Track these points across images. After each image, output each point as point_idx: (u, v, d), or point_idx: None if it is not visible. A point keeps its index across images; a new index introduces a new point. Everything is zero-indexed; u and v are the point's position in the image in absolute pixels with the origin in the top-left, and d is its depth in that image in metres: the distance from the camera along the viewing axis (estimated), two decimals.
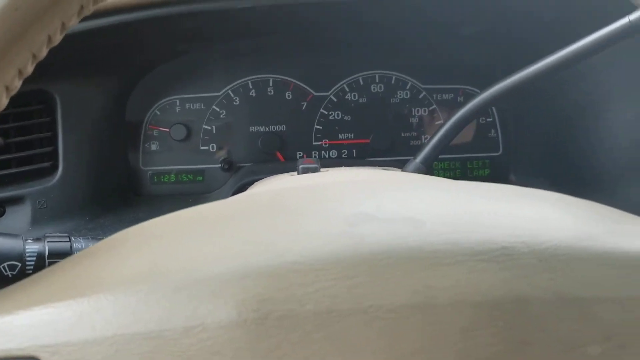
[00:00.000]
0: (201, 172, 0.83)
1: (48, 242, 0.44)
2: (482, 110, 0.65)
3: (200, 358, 0.27)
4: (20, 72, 0.30)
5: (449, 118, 0.66)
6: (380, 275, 0.28)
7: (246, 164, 0.83)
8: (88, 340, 0.28)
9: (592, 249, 0.30)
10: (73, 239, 0.45)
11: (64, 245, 0.45)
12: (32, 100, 0.69)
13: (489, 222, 0.32)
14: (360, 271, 0.28)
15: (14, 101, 0.31)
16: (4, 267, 0.42)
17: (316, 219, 0.32)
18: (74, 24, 0.31)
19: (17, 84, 0.31)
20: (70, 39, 0.29)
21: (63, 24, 0.31)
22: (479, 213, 0.33)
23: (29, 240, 0.44)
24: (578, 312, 0.28)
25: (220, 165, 0.82)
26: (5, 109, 0.31)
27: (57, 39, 0.31)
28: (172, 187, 0.83)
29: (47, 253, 0.44)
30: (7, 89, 0.30)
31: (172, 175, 0.83)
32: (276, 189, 0.37)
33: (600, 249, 0.30)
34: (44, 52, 0.31)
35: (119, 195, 0.77)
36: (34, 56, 0.30)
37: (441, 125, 0.67)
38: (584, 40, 0.57)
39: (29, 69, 0.31)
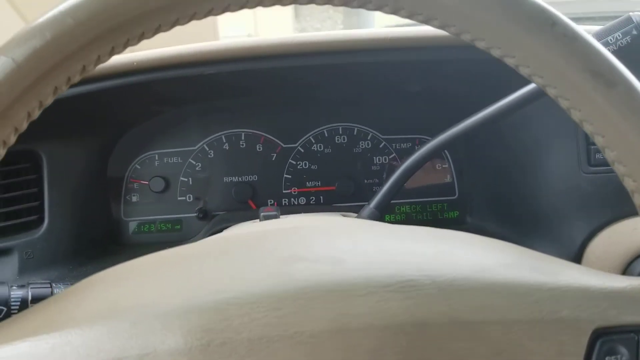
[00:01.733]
0: (179, 221, 0.89)
1: (31, 288, 0.50)
2: (429, 156, 0.71)
3: None
4: (16, 130, 0.34)
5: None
6: (304, 306, 0.33)
7: (220, 212, 0.89)
8: None
9: (483, 279, 0.36)
10: (54, 285, 0.51)
11: (45, 291, 0.50)
12: (20, 159, 0.75)
13: (401, 259, 0.38)
14: (287, 303, 0.33)
15: (2, 160, 0.35)
16: None
17: (256, 261, 0.38)
18: (64, 90, 0.35)
19: (13, 139, 0.34)
20: (55, 103, 0.35)
21: (56, 89, 0.35)
22: (393, 252, 0.39)
23: (14, 287, 0.49)
24: (470, 333, 0.33)
25: (196, 214, 0.88)
26: None
27: (50, 101, 0.35)
28: (151, 236, 0.88)
29: (30, 298, 0.49)
30: (5, 143, 0.34)
31: (152, 225, 0.89)
32: (225, 236, 0.43)
33: (490, 279, 0.36)
34: (37, 113, 0.35)
35: (101, 245, 0.83)
36: (29, 115, 0.34)
37: (392, 173, 0.74)
38: (509, 97, 0.65)
39: (24, 126, 0.34)
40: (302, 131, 0.90)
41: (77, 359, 0.32)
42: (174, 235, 0.88)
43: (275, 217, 0.63)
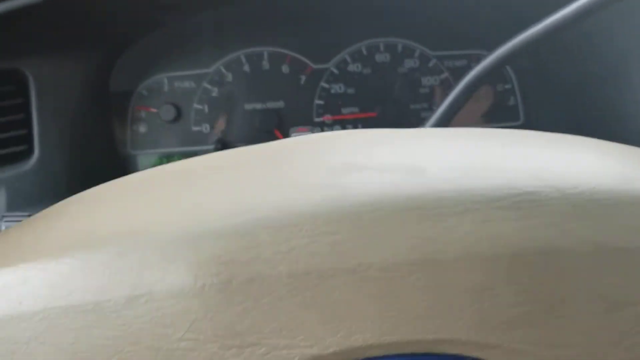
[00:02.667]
0: (194, 154, 0.77)
1: (5, 221, 0.40)
2: (495, 70, 0.58)
3: (150, 332, 0.22)
4: None
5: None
6: (369, 229, 0.23)
7: (242, 144, 0.77)
8: (13, 316, 0.23)
9: (633, 192, 0.24)
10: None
11: None
12: (2, 80, 0.63)
13: (507, 165, 0.25)
14: (345, 225, 0.23)
15: None
16: None
17: (292, 171, 0.26)
18: None
19: None
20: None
21: None
22: (493, 156, 0.26)
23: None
24: (623, 264, 0.22)
25: (213, 146, 0.76)
26: None
27: None
28: None
29: None
30: None
31: (164, 159, 0.77)
32: (250, 147, 0.31)
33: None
34: None
35: (105, 181, 0.72)
36: None
37: (449, 92, 0.60)
38: None
39: None
40: (336, 48, 0.77)
41: (38, 305, 0.24)
42: None
43: None
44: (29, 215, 0.42)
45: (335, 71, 0.77)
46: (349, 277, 0.22)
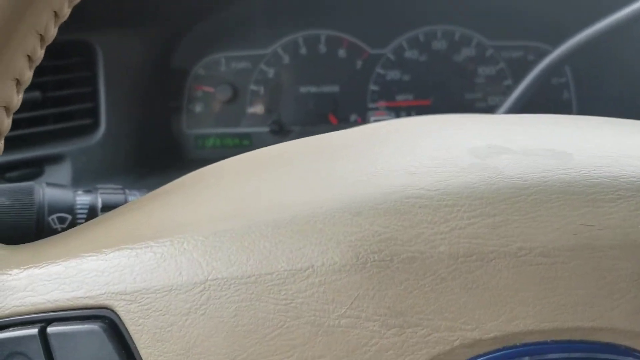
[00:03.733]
0: (248, 136, 0.78)
1: (101, 193, 0.40)
2: (564, 62, 0.58)
3: (312, 307, 0.22)
4: (55, 15, 0.25)
5: (519, 77, 0.60)
6: (527, 213, 0.23)
7: (296, 127, 0.77)
8: (173, 287, 0.23)
9: None
10: (127, 191, 0.40)
11: (118, 198, 0.40)
12: (71, 52, 0.63)
13: None
14: (504, 208, 0.23)
15: (51, 52, 0.27)
16: (52, 220, 0.37)
17: (433, 151, 0.26)
18: None
19: (53, 31, 0.25)
20: None
21: None
22: (634, 145, 0.27)
23: (80, 192, 0.39)
24: None
25: (268, 128, 0.76)
26: (43, 60, 0.26)
27: None
28: (216, 152, 0.77)
29: (100, 206, 0.39)
30: (42, 38, 0.25)
31: (217, 139, 0.77)
32: (372, 125, 0.31)
33: None
34: None
35: (162, 158, 0.72)
36: None
37: (522, 78, 0.60)
38: None
39: (65, 11, 0.25)
40: (393, 34, 0.76)
41: (199, 275, 0.24)
42: (242, 151, 0.77)
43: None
44: (122, 188, 0.42)
45: (392, 57, 0.77)
46: (510, 260, 0.22)
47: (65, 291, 0.24)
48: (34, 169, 0.61)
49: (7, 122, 0.26)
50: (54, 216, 0.39)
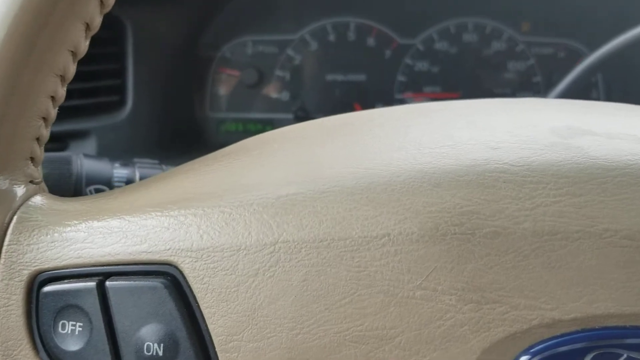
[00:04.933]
0: (271, 121, 0.76)
1: (139, 167, 0.39)
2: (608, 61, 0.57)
3: (386, 276, 0.21)
4: (102, 2, 0.25)
5: (548, 74, 0.59)
6: (614, 194, 0.22)
7: (321, 115, 0.76)
8: (242, 247, 0.22)
9: None
10: (164, 166, 0.39)
11: (155, 172, 0.39)
12: (100, 26, 0.62)
13: None
14: (590, 188, 0.22)
15: None
16: (90, 191, 0.36)
17: (515, 128, 0.25)
18: None
19: (99, 20, 0.26)
20: None
21: None
22: None
23: (117, 165, 0.38)
24: None
25: (292, 115, 0.75)
26: None
27: None
28: (238, 137, 0.76)
29: (137, 179, 0.38)
30: (102, 3, 0.25)
31: (240, 124, 0.76)
32: (447, 103, 0.30)
33: None
34: None
35: (183, 141, 0.71)
36: None
37: (552, 76, 0.59)
38: None
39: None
40: (423, 25, 0.75)
41: (269, 237, 0.23)
42: None
43: None
44: (159, 163, 0.41)
45: (421, 48, 0.76)
46: (595, 241, 0.21)
47: (126, 245, 0.23)
48: (58, 143, 0.60)
49: (62, 91, 0.26)
50: (92, 187, 0.38)
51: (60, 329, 0.24)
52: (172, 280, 0.23)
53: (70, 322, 0.24)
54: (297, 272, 0.22)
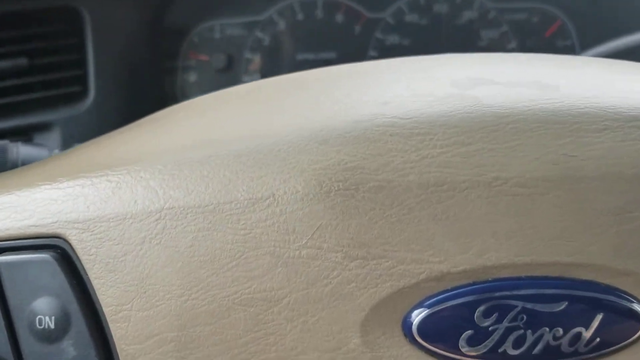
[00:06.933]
0: None
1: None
2: None
3: (272, 237, 0.21)
4: None
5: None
6: (505, 141, 0.21)
7: None
8: (128, 216, 0.22)
9: None
10: None
11: None
12: (57, 18, 0.62)
13: (636, 88, 0.23)
14: (480, 137, 0.21)
15: (37, 18, 0.26)
16: None
17: (412, 82, 0.25)
18: None
19: None
20: None
21: None
22: (622, 79, 0.25)
23: (56, 151, 0.38)
24: None
25: None
26: (28, 27, 0.25)
27: None
28: None
29: None
30: None
31: None
32: (353, 64, 0.29)
33: None
34: None
35: None
36: None
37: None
38: None
39: None
40: None
41: (155, 204, 0.23)
42: None
43: None
44: None
45: (391, 21, 0.74)
46: (484, 190, 0.21)
47: (16, 220, 0.24)
48: (22, 137, 0.60)
49: None
50: None
51: None
52: (61, 253, 0.23)
53: None
54: (184, 238, 0.22)
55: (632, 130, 0.22)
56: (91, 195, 0.23)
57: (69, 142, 0.62)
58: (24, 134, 0.60)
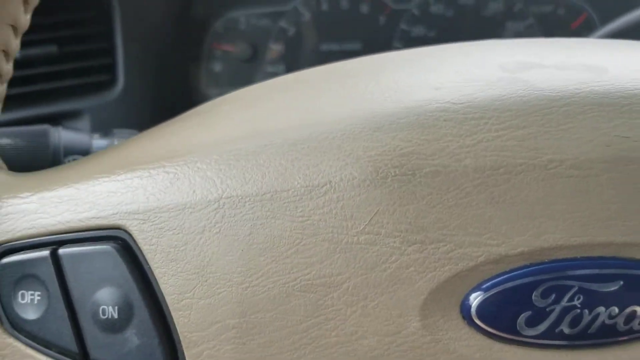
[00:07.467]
0: None
1: (117, 137, 0.39)
2: None
3: (330, 224, 0.21)
4: None
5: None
6: (559, 124, 0.21)
7: None
8: (187, 206, 0.22)
9: None
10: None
11: None
12: (86, 6, 0.62)
13: None
14: (534, 120, 0.21)
15: (67, 5, 0.26)
16: (68, 161, 0.37)
17: (462, 68, 0.25)
18: None
19: None
20: None
21: None
22: None
23: (96, 136, 0.39)
24: None
25: None
26: (57, 15, 0.25)
27: None
28: None
29: None
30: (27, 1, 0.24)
31: None
32: (401, 51, 0.29)
33: None
34: None
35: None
36: None
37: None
38: None
39: None
40: None
41: (213, 193, 0.23)
42: None
43: None
44: (139, 132, 0.41)
45: (417, 12, 0.74)
46: (539, 173, 0.21)
47: (77, 212, 0.24)
48: (52, 124, 0.61)
49: (7, 67, 0.26)
50: (70, 158, 0.38)
51: (20, 299, 0.24)
52: (122, 244, 0.23)
53: (29, 292, 0.24)
54: (243, 226, 0.22)
55: None
56: (150, 187, 0.23)
57: (98, 129, 0.63)
58: (54, 121, 0.61)
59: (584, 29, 0.74)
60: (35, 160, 0.37)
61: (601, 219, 0.21)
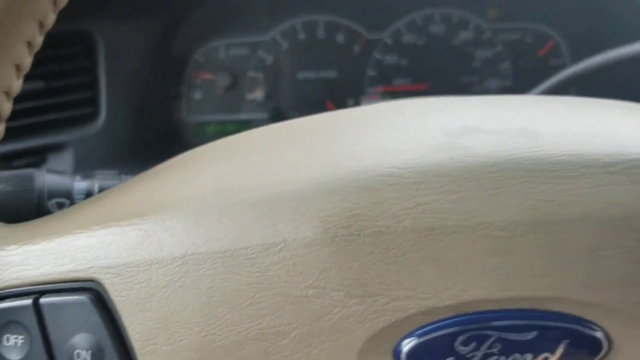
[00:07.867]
0: (247, 123, 0.79)
1: (98, 179, 0.41)
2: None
3: (282, 279, 0.24)
4: (54, 2, 0.26)
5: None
6: (489, 189, 0.24)
7: (294, 114, 0.78)
8: (154, 261, 0.25)
9: None
10: (123, 177, 0.42)
11: (114, 183, 0.41)
12: (72, 41, 0.65)
13: (615, 133, 0.26)
14: (467, 185, 0.24)
15: (53, 42, 0.28)
16: (52, 205, 0.39)
17: (410, 131, 0.27)
18: None
19: (52, 17, 0.26)
20: None
21: None
22: (601, 125, 0.27)
23: (78, 178, 0.41)
24: None
25: (267, 115, 0.77)
26: (44, 51, 0.27)
27: None
28: (216, 139, 0.78)
29: (97, 191, 0.40)
30: (42, 24, 0.26)
31: (217, 126, 0.79)
32: (356, 109, 0.32)
33: None
34: None
35: (162, 146, 0.74)
36: None
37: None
38: None
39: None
40: (391, 19, 0.77)
41: (179, 250, 0.25)
42: None
43: None
44: (119, 174, 0.43)
45: (389, 42, 0.77)
46: (469, 234, 0.23)
47: (57, 265, 0.26)
48: (37, 157, 0.63)
49: (8, 106, 0.27)
50: (54, 201, 0.40)
51: (5, 342, 0.26)
52: (96, 295, 0.26)
53: (13, 336, 0.26)
54: (204, 281, 0.24)
55: (605, 176, 0.24)
56: (122, 242, 0.26)
57: (81, 161, 0.65)
58: (39, 154, 0.63)
59: (550, 56, 0.78)
60: (22, 204, 0.39)
61: (523, 276, 0.23)
